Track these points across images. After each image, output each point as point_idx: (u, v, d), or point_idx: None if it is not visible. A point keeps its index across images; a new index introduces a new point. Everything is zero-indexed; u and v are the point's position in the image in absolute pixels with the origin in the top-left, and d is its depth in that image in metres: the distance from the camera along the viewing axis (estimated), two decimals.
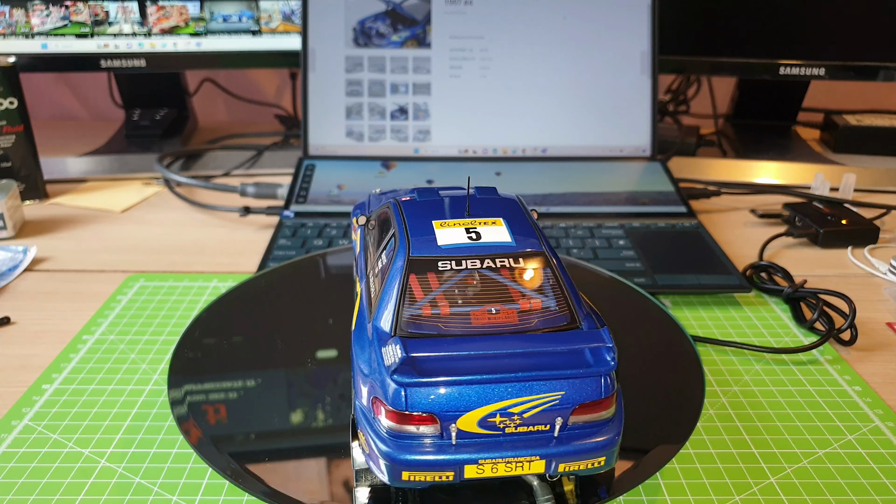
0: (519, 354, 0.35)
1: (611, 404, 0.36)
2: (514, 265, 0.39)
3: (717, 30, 0.98)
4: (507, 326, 0.37)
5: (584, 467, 0.36)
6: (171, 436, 0.47)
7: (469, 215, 0.43)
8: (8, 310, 0.63)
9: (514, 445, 0.35)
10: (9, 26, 0.93)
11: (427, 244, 0.40)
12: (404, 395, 0.34)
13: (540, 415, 0.35)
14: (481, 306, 0.38)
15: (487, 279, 0.39)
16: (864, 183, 0.93)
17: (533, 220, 0.44)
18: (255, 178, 0.95)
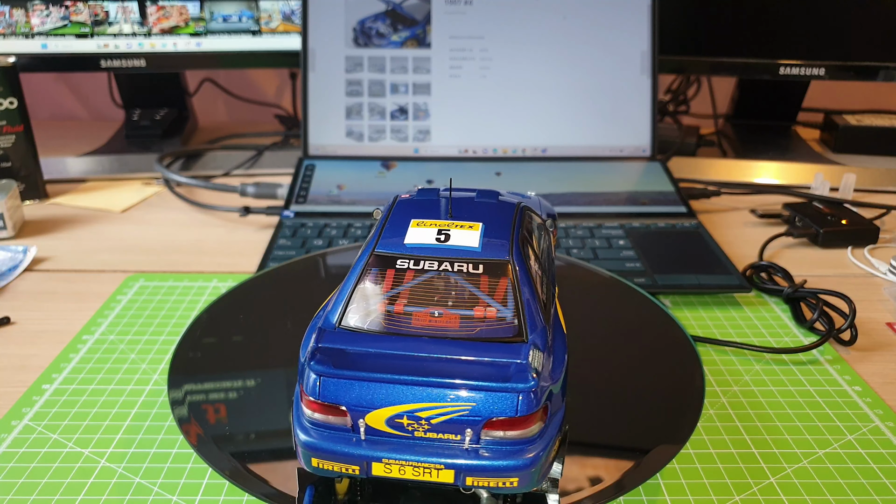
0: (435, 360, 0.34)
1: (530, 425, 0.34)
2: (471, 271, 0.39)
3: (717, 30, 0.98)
4: (444, 331, 0.37)
5: (493, 485, 0.35)
6: (171, 436, 0.47)
7: (451, 217, 0.43)
8: (8, 310, 0.63)
9: (421, 450, 0.35)
10: (9, 26, 0.93)
11: (395, 242, 0.41)
12: (318, 384, 0.35)
13: (449, 423, 0.34)
14: (426, 308, 0.38)
15: (443, 282, 0.39)
16: (863, 183, 0.93)
17: (521, 227, 0.43)
18: (255, 178, 0.95)
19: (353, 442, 0.35)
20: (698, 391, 0.49)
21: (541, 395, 0.34)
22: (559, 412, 0.37)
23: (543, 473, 0.35)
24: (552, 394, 0.35)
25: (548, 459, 0.35)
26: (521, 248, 0.41)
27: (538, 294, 0.39)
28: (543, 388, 0.34)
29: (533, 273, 0.41)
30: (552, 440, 0.35)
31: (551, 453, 0.35)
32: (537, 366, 0.34)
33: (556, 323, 0.40)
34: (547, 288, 0.42)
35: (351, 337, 0.36)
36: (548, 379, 0.35)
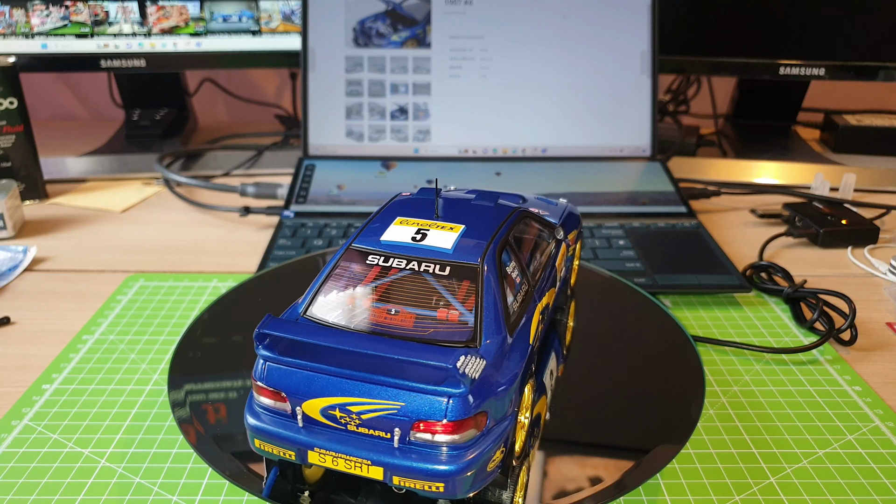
0: (371, 357, 0.34)
1: (459, 431, 0.34)
2: (437, 272, 0.39)
3: (717, 30, 0.98)
4: (395, 329, 0.37)
5: (419, 488, 0.35)
6: (171, 436, 0.47)
7: (438, 217, 0.43)
8: (8, 310, 0.63)
9: (353, 444, 0.35)
10: (9, 26, 0.93)
11: (373, 238, 0.41)
12: (264, 369, 0.36)
13: (379, 420, 0.35)
14: (385, 305, 0.38)
15: (408, 280, 0.39)
16: (863, 183, 0.93)
17: (508, 233, 0.43)
18: (254, 178, 0.95)
19: (291, 428, 0.36)
20: (698, 391, 0.49)
21: (475, 404, 0.34)
22: (503, 424, 0.36)
23: (476, 483, 0.35)
24: (495, 404, 0.35)
25: (482, 471, 0.35)
26: (499, 254, 0.41)
27: (504, 302, 0.39)
28: (480, 396, 0.34)
29: (508, 280, 0.41)
30: (489, 451, 0.35)
31: (488, 464, 0.35)
32: (471, 373, 0.33)
33: (521, 334, 0.40)
34: (526, 296, 0.42)
35: (297, 327, 0.36)
36: (489, 388, 0.35)
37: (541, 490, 0.41)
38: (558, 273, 0.50)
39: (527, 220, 0.48)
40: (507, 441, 0.37)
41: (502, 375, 0.36)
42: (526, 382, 0.40)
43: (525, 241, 0.47)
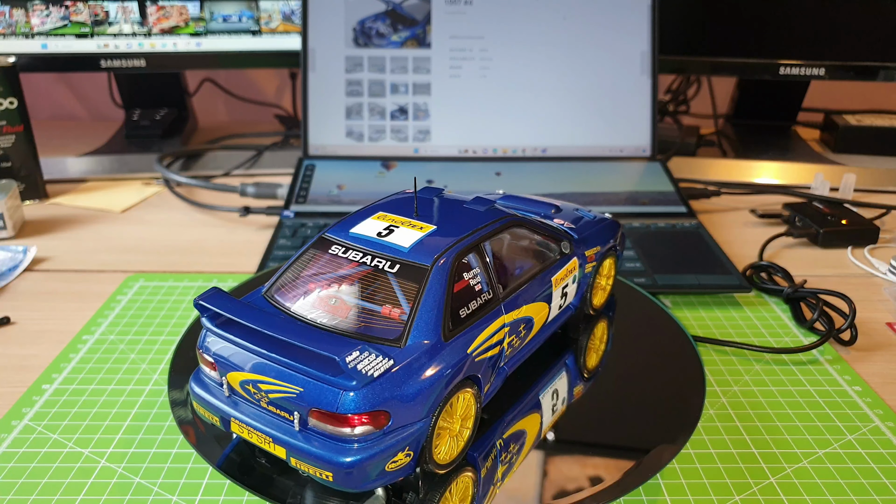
0: (281, 341, 0.36)
1: (351, 425, 0.35)
2: (387, 269, 0.40)
3: (717, 30, 0.98)
4: (328, 318, 0.39)
5: (313, 473, 0.36)
6: (171, 436, 0.47)
7: (417, 216, 0.44)
8: (8, 310, 0.63)
9: (262, 420, 0.38)
10: (9, 26, 0.93)
11: (344, 230, 0.43)
12: (202, 337, 0.40)
13: (283, 401, 0.37)
14: (329, 294, 0.40)
15: (360, 274, 0.40)
16: (864, 183, 0.93)
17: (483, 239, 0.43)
18: (254, 178, 0.95)
19: (219, 396, 0.40)
20: (698, 391, 0.49)
21: (370, 401, 0.35)
22: (411, 428, 0.37)
23: (371, 480, 0.36)
24: (401, 405, 0.36)
25: (379, 469, 0.36)
26: (457, 258, 0.41)
27: (448, 307, 0.39)
28: (379, 394, 0.35)
29: (463, 286, 0.41)
30: (388, 452, 0.36)
31: (387, 464, 0.36)
32: (366, 369, 0.35)
33: (461, 342, 0.40)
34: (485, 306, 0.42)
35: (230, 303, 0.39)
36: (394, 389, 0.36)
37: (541, 490, 0.41)
38: (556, 287, 0.49)
39: (519, 228, 0.47)
40: (417, 446, 0.37)
41: (418, 379, 0.37)
42: (457, 391, 0.39)
43: (510, 250, 0.46)
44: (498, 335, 0.43)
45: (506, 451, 0.43)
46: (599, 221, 0.56)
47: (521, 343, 0.46)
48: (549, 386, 0.49)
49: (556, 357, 0.52)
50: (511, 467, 0.42)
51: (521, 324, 0.45)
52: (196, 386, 0.41)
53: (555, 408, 0.47)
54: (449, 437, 0.40)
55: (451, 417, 0.40)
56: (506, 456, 0.43)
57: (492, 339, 0.42)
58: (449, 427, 0.40)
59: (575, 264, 0.51)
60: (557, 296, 0.49)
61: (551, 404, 0.47)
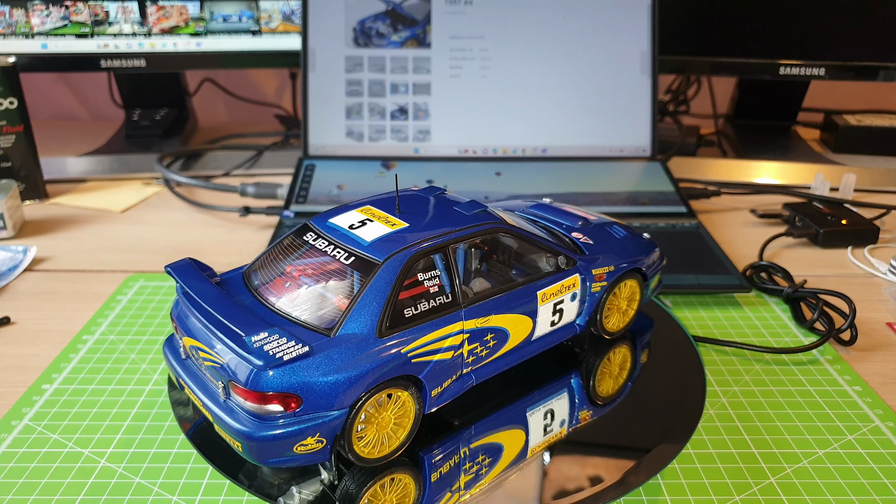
0: (215, 316, 0.39)
1: (258, 401, 0.37)
2: (342, 260, 0.42)
3: (717, 30, 0.98)
4: (274, 300, 0.42)
5: (229, 441, 0.39)
6: (171, 436, 0.47)
7: (399, 213, 0.45)
8: (8, 310, 0.63)
9: (199, 384, 0.41)
10: (9, 26, 0.93)
11: (325, 219, 0.45)
12: (175, 301, 0.44)
13: (212, 370, 0.40)
14: (286, 278, 0.42)
15: (320, 262, 0.42)
16: (863, 183, 0.93)
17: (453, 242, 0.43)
18: (255, 178, 0.95)
19: (177, 358, 0.44)
20: (699, 391, 0.49)
21: (277, 382, 0.37)
22: (325, 416, 0.38)
23: (277, 458, 0.38)
24: (314, 393, 0.37)
25: (286, 450, 0.38)
26: (414, 258, 0.41)
27: (391, 305, 0.40)
28: (288, 377, 0.37)
29: (416, 286, 0.41)
30: (296, 435, 0.37)
31: (294, 447, 0.38)
32: (273, 351, 0.37)
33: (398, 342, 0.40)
34: (438, 310, 0.42)
35: (189, 274, 0.43)
36: (307, 375, 0.37)
37: (541, 490, 0.41)
38: (543, 302, 0.47)
39: (507, 236, 0.46)
40: (331, 434, 0.38)
41: (337, 370, 0.38)
42: (387, 388, 0.40)
43: (494, 258, 0.46)
44: (451, 340, 0.42)
45: (472, 461, 0.42)
46: (628, 240, 0.54)
47: (490, 354, 0.45)
48: (540, 404, 0.47)
49: (558, 376, 0.50)
50: (479, 479, 0.41)
51: (487, 333, 0.44)
52: (166, 348, 0.45)
53: (548, 429, 0.45)
54: (377, 434, 0.41)
55: (378, 414, 0.40)
56: (471, 466, 0.42)
57: (441, 343, 0.42)
58: (377, 423, 0.40)
59: (574, 281, 0.49)
60: (546, 311, 0.48)
61: (542, 423, 0.46)
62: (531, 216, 0.56)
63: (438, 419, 0.46)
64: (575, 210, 0.58)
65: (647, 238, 0.56)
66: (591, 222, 0.56)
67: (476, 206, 0.47)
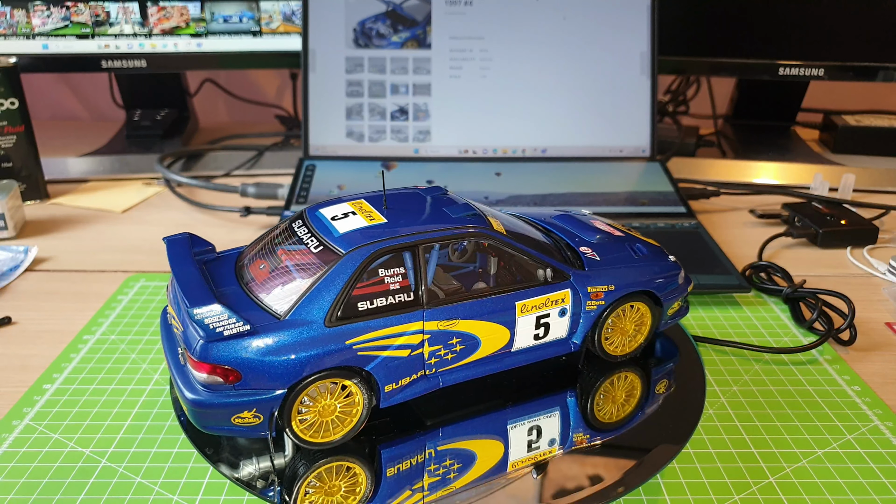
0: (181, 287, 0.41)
1: (200, 370, 0.39)
2: (312, 249, 0.43)
3: (717, 30, 0.98)
4: (247, 280, 0.44)
5: (183, 405, 0.41)
6: (171, 435, 0.48)
7: (386, 209, 0.45)
8: (9, 310, 0.63)
9: (171, 349, 0.44)
10: (10, 27, 0.94)
11: (316, 209, 0.46)
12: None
13: (179, 336, 0.42)
14: (265, 260, 0.45)
15: (297, 249, 0.44)
16: (863, 183, 0.93)
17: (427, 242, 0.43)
18: (255, 178, 0.95)
19: (165, 322, 0.47)
20: (698, 391, 0.49)
21: (215, 354, 0.39)
22: (263, 394, 0.40)
23: (216, 426, 0.40)
24: (252, 369, 0.39)
25: (224, 420, 0.40)
26: (378, 254, 0.42)
27: (344, 297, 0.41)
28: (225, 352, 0.39)
29: (375, 281, 0.42)
30: (233, 407, 0.40)
31: (232, 417, 0.40)
32: (214, 325, 0.39)
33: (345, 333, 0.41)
34: (395, 307, 0.42)
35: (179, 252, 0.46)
36: (245, 352, 0.39)
37: (541, 490, 0.41)
38: (522, 314, 0.46)
39: (490, 242, 0.45)
40: (268, 412, 0.40)
41: (277, 352, 0.40)
42: (332, 376, 0.41)
43: (475, 263, 0.46)
44: (408, 339, 0.43)
45: (439, 464, 0.42)
46: (646, 261, 0.51)
47: (459, 358, 0.45)
48: (525, 418, 0.46)
49: (554, 392, 0.49)
50: (447, 483, 0.41)
51: (453, 337, 0.44)
52: (161, 316, 0.48)
53: (533, 445, 0.44)
54: (320, 418, 0.42)
55: (322, 399, 0.41)
56: (437, 468, 0.42)
57: (395, 340, 0.42)
58: (319, 409, 0.41)
59: (564, 296, 0.47)
60: (527, 324, 0.46)
61: (526, 439, 0.45)
62: (548, 225, 0.54)
63: (411, 416, 0.46)
64: (601, 224, 0.55)
65: (672, 260, 0.52)
66: (612, 237, 0.53)
67: (466, 210, 0.46)
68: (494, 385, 0.49)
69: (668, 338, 0.56)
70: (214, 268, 0.46)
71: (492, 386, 0.49)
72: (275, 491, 0.40)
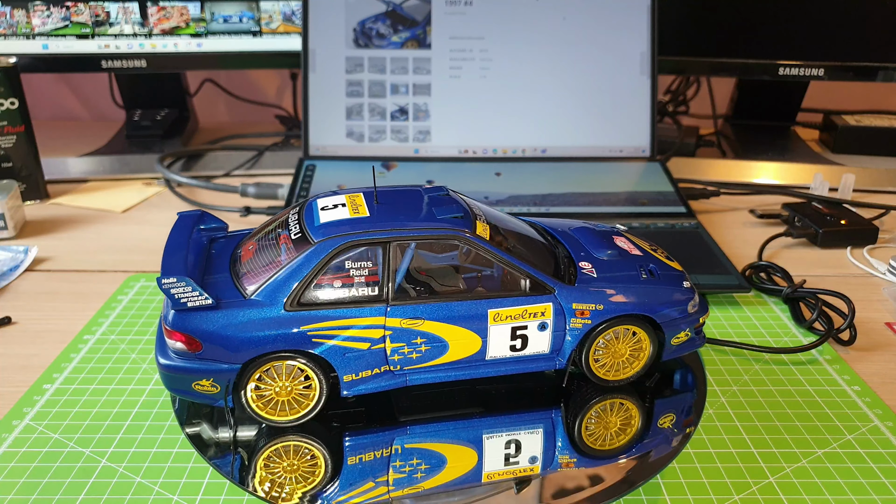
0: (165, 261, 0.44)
1: (170, 337, 0.43)
2: (291, 236, 0.45)
3: (717, 30, 0.98)
4: (237, 260, 0.47)
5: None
6: (171, 435, 0.48)
7: (377, 203, 0.46)
8: (9, 310, 0.63)
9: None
10: (10, 27, 0.94)
11: (317, 199, 0.48)
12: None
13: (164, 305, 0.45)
14: (257, 242, 0.47)
15: (283, 234, 0.46)
16: (863, 183, 0.93)
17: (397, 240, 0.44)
18: (255, 178, 0.95)
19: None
20: (699, 391, 0.49)
21: (179, 323, 0.42)
22: (219, 364, 0.43)
23: (180, 389, 0.44)
24: (210, 341, 0.42)
25: (185, 384, 0.43)
26: (345, 246, 0.43)
27: (305, 284, 0.43)
28: (188, 323, 0.42)
29: (340, 273, 0.43)
30: (193, 373, 0.43)
31: (192, 383, 0.43)
32: (179, 296, 0.42)
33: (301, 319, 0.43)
34: (359, 301, 0.43)
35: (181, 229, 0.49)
36: (206, 325, 0.42)
37: (541, 489, 0.41)
38: (495, 322, 0.45)
39: (465, 245, 0.45)
40: (225, 383, 0.43)
41: (234, 328, 0.42)
42: (286, 359, 0.43)
43: (454, 266, 0.45)
44: (368, 332, 0.44)
45: (405, 461, 0.42)
46: (653, 284, 0.48)
47: (425, 359, 0.45)
48: (504, 430, 0.45)
49: (541, 408, 0.47)
50: (413, 482, 0.41)
51: (417, 337, 0.44)
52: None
53: (511, 460, 0.43)
54: (277, 397, 0.44)
55: (279, 379, 0.44)
56: (402, 465, 0.42)
57: (352, 332, 0.43)
58: (275, 387, 0.44)
59: (544, 310, 0.46)
60: (501, 333, 0.45)
61: (503, 452, 0.44)
62: (560, 236, 0.52)
63: (386, 411, 0.46)
64: (622, 240, 0.52)
65: (687, 287, 0.49)
66: (626, 255, 0.50)
67: (454, 212, 0.46)
68: (482, 392, 0.48)
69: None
70: (220, 246, 0.49)
71: (479, 392, 0.48)
72: (232, 463, 0.42)
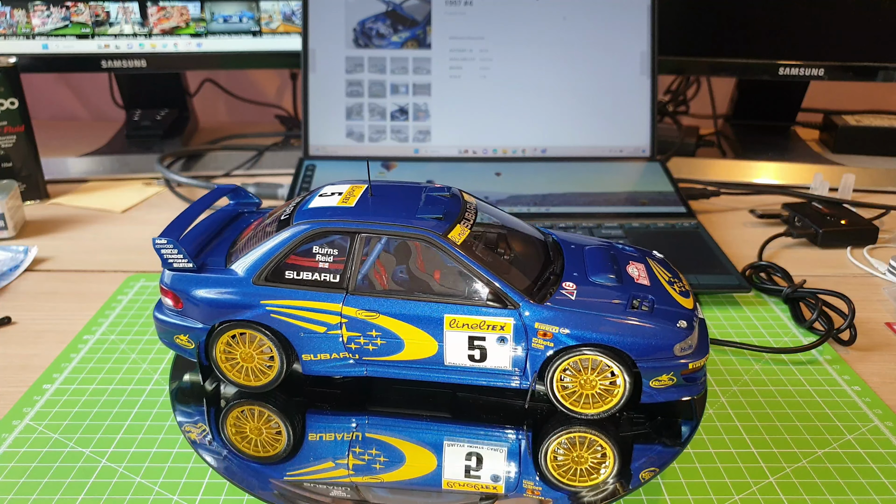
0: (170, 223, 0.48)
1: (162, 294, 0.48)
2: (281, 217, 0.48)
3: (717, 30, 0.98)
4: (241, 232, 0.51)
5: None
6: (171, 435, 0.48)
7: (371, 196, 0.48)
8: (9, 310, 0.63)
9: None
10: (10, 27, 0.94)
11: (322, 188, 0.50)
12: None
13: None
14: (258, 220, 0.51)
15: (279, 215, 0.49)
16: (863, 183, 0.93)
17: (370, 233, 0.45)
18: (255, 178, 0.95)
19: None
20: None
21: (167, 282, 0.47)
22: (192, 322, 0.47)
23: (166, 341, 0.48)
24: (188, 301, 0.46)
25: (169, 338, 0.48)
26: (316, 234, 0.45)
27: (275, 262, 0.45)
28: (173, 282, 0.47)
29: (308, 257, 0.45)
30: (175, 328, 0.47)
31: (174, 337, 0.48)
32: (168, 258, 0.46)
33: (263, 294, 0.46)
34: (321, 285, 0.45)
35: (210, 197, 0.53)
36: (185, 286, 0.46)
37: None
38: (451, 328, 0.44)
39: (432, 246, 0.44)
40: (197, 341, 0.47)
41: (206, 291, 0.46)
42: (248, 327, 0.46)
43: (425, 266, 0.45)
44: (324, 317, 0.45)
45: (365, 450, 0.43)
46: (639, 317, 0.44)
47: (380, 353, 0.46)
48: (466, 440, 0.44)
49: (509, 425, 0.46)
50: (371, 471, 0.42)
51: (372, 329, 0.45)
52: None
53: (472, 472, 0.42)
54: (241, 362, 0.47)
55: (242, 346, 0.47)
56: (362, 452, 0.43)
57: (309, 314, 0.46)
58: (240, 354, 0.47)
59: (504, 324, 0.44)
60: (458, 340, 0.44)
61: (464, 463, 0.43)
62: (569, 252, 0.50)
63: (359, 399, 0.48)
64: (636, 268, 0.49)
65: (679, 327, 0.44)
66: (628, 284, 0.47)
67: (432, 212, 0.46)
68: (462, 400, 0.48)
69: None
70: (244, 220, 0.53)
71: (460, 400, 0.48)
72: (205, 421, 0.46)
